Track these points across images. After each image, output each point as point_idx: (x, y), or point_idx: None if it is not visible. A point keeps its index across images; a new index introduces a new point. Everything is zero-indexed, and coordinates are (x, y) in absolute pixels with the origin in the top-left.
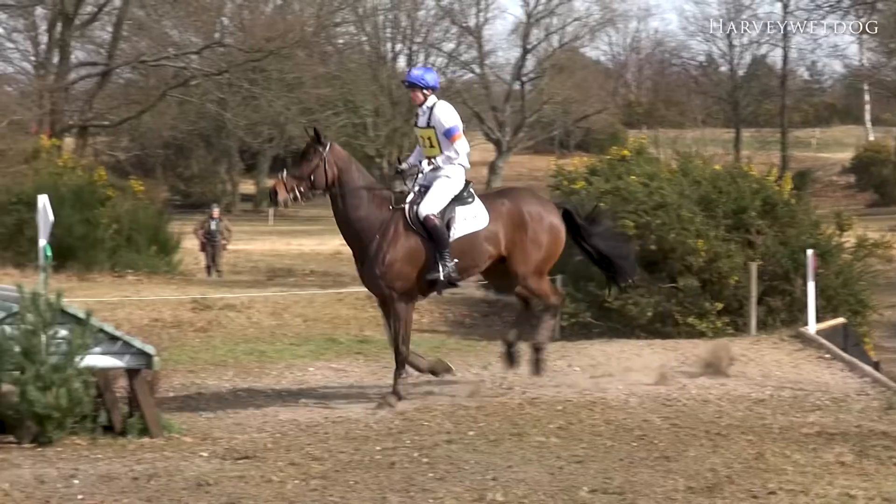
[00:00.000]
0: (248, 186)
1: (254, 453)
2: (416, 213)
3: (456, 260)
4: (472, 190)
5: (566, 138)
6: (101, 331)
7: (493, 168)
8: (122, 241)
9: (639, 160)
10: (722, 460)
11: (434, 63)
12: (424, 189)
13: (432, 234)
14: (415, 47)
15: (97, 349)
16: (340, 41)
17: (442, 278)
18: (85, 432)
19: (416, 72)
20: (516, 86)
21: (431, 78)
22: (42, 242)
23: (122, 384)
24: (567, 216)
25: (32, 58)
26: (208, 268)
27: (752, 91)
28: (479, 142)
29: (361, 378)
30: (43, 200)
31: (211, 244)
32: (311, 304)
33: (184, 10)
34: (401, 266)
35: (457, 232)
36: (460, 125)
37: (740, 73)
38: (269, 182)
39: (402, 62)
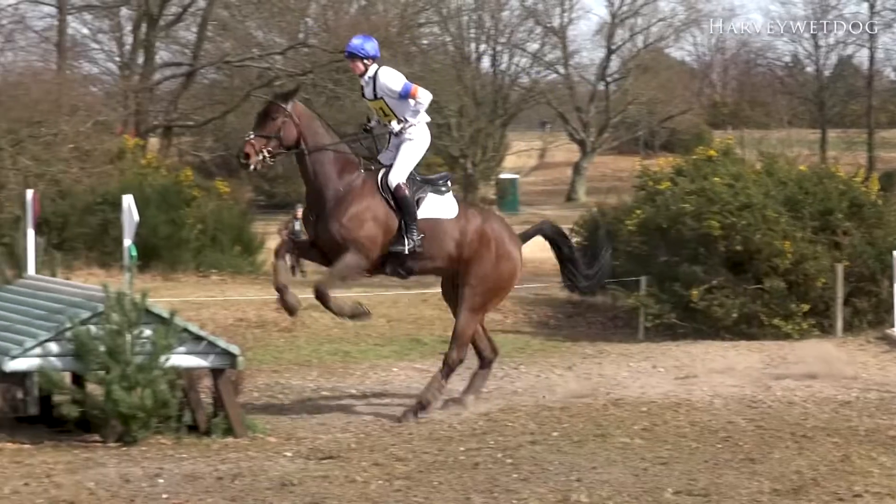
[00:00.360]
0: None
1: (338, 453)
2: (388, 181)
3: (422, 235)
4: (449, 184)
5: (651, 139)
6: (186, 330)
7: (577, 168)
8: (207, 241)
9: (725, 161)
10: (807, 462)
11: (518, 63)
12: (393, 156)
13: (401, 205)
14: (499, 48)
15: (182, 349)
16: (424, 42)
17: (407, 251)
18: (170, 432)
19: (355, 41)
20: (601, 86)
21: (371, 47)
22: (127, 242)
23: (206, 384)
24: (543, 235)
25: (117, 58)
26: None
27: (838, 91)
28: (563, 142)
29: None
30: (128, 200)
31: None
32: (396, 305)
33: (268, 11)
34: (362, 220)
35: (423, 212)
36: (407, 80)
37: (826, 73)
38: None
39: (486, 63)
